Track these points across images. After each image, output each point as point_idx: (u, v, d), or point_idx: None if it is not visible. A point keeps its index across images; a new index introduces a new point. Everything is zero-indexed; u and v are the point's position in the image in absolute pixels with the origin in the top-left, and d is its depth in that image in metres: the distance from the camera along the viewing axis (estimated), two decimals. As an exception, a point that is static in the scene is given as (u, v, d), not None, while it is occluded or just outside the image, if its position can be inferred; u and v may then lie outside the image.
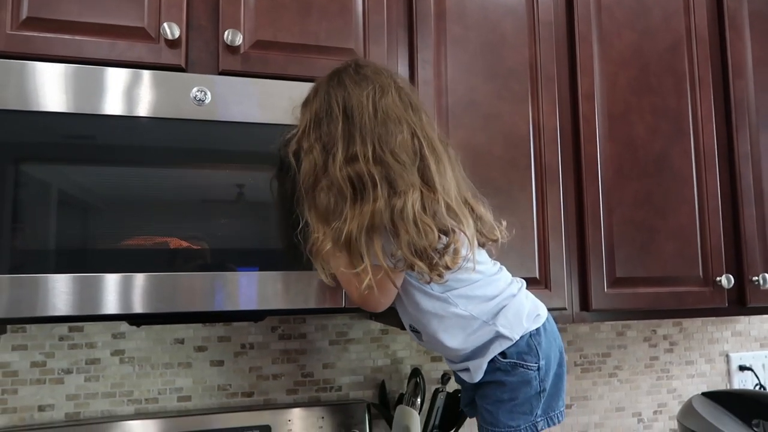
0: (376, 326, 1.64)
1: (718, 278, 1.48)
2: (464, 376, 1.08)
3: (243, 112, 1.14)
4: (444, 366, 1.68)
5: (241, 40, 1.20)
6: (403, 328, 1.32)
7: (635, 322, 1.86)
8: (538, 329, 1.03)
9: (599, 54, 1.46)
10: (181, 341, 1.49)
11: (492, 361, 1.02)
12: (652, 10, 1.52)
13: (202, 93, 1.12)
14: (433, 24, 1.36)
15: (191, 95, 1.12)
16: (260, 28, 1.24)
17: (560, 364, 1.06)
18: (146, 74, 1.10)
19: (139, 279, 1.06)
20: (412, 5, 1.36)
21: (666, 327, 1.90)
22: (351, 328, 1.63)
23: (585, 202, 1.42)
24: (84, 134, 1.07)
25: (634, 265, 1.44)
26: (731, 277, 1.48)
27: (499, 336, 1.01)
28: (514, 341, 1.01)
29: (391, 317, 1.41)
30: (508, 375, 1.01)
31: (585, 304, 1.41)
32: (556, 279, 1.38)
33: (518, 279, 1.11)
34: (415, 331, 1.10)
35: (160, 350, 1.48)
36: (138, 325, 1.30)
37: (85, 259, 1.04)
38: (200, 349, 1.51)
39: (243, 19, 1.23)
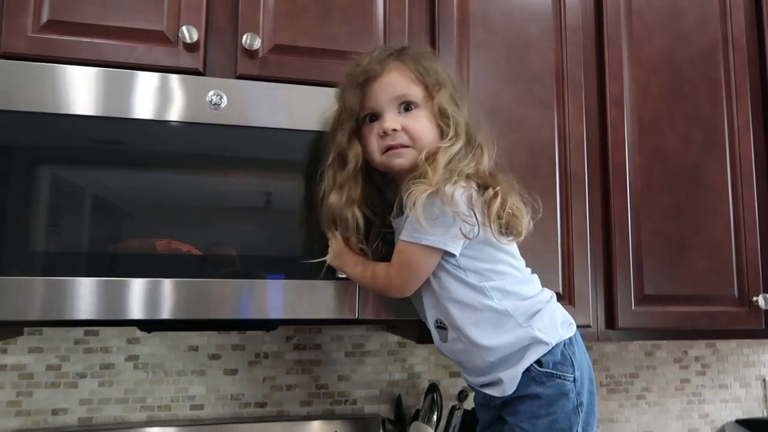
0: (393, 339, 1.60)
1: (754, 298, 1.40)
2: (492, 390, 1.00)
3: (259, 117, 1.12)
4: (462, 382, 1.62)
5: (259, 44, 1.19)
6: (421, 341, 1.29)
7: (665, 342, 1.77)
8: (571, 339, 1.00)
9: (629, 59, 1.41)
10: (195, 348, 1.48)
11: (527, 370, 0.96)
12: (685, 13, 1.46)
13: (218, 97, 1.10)
14: (455, 28, 1.33)
15: (207, 99, 1.10)
16: (279, 31, 1.23)
17: (591, 380, 1.00)
18: (163, 78, 1.09)
19: (166, 285, 1.05)
20: (435, 9, 1.33)
21: (698, 348, 1.81)
22: (368, 340, 1.59)
23: (612, 214, 1.36)
24: (96, 137, 1.06)
25: (664, 282, 1.37)
26: (769, 296, 1.39)
27: (535, 341, 0.96)
28: (551, 347, 0.96)
29: (408, 329, 1.37)
30: (543, 387, 0.95)
31: (611, 321, 1.35)
32: (581, 294, 1.32)
33: (547, 289, 1.06)
34: (440, 327, 1.04)
35: (174, 357, 1.46)
36: (149, 331, 1.29)
37: (110, 263, 1.04)
38: (214, 357, 1.49)
39: (262, 22, 1.22)
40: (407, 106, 1.02)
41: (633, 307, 1.35)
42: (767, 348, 1.87)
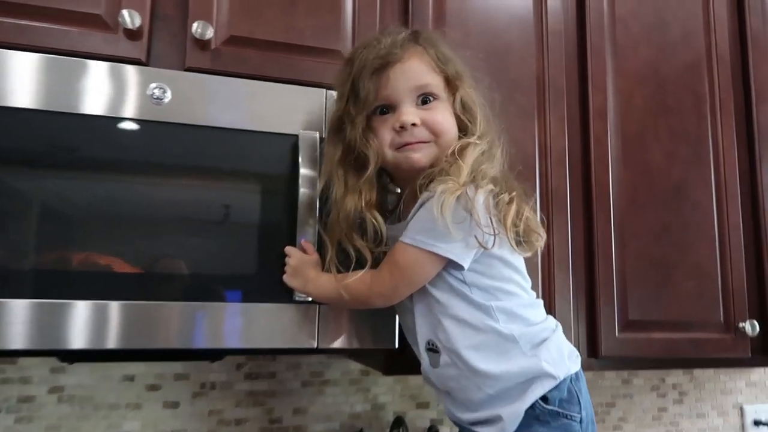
0: (355, 366, 1.46)
1: (741, 324, 1.32)
2: (486, 430, 0.88)
3: (211, 114, 0.98)
4: (431, 414, 1.49)
5: (212, 34, 1.05)
6: (388, 371, 1.15)
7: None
8: (577, 373, 0.90)
9: (613, 68, 1.33)
10: (131, 378, 1.30)
11: (530, 408, 0.85)
12: (670, 25, 1.39)
13: (161, 90, 0.96)
14: (430, 27, 1.22)
15: (148, 92, 0.95)
16: (236, 21, 1.09)
17: (593, 421, 0.90)
18: (95, 65, 0.94)
19: (107, 308, 0.90)
20: (408, 6, 1.22)
21: (675, 375, 1.73)
22: (327, 368, 1.44)
23: (595, 233, 1.26)
24: (4, 131, 0.90)
25: (649, 307, 1.28)
26: (756, 323, 1.32)
27: (542, 374, 0.85)
28: (558, 382, 0.85)
29: (374, 357, 1.24)
30: (548, 427, 0.84)
31: (593, 349, 1.24)
32: (562, 319, 1.20)
33: (551, 316, 0.96)
34: (432, 349, 0.91)
35: (105, 388, 1.28)
36: (71, 361, 1.11)
37: (32, 282, 0.88)
38: (153, 387, 1.31)
39: (216, 11, 1.08)
40: (426, 98, 0.91)
41: (617, 334, 1.25)
42: (744, 375, 1.80)
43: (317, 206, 0.98)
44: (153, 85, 0.96)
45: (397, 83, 0.90)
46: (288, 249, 0.96)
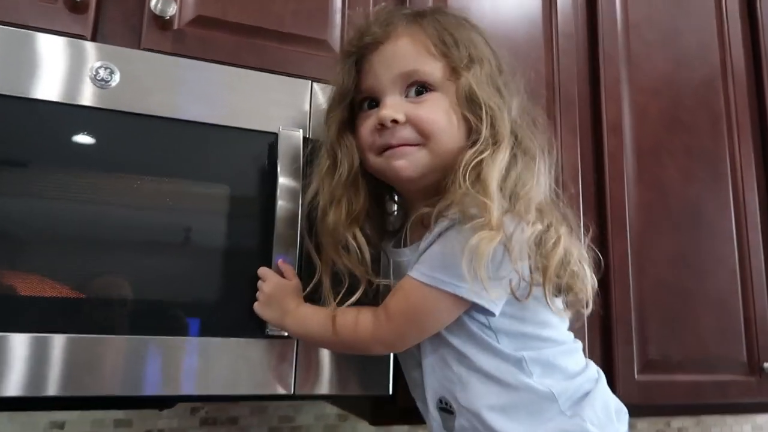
0: (332, 411, 1.26)
1: (765, 364, 1.18)
2: None
3: (169, 104, 0.80)
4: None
5: (175, 11, 0.88)
6: (376, 420, 0.97)
7: (647, 410, 1.54)
8: None
9: (627, 78, 1.20)
10: (61, 426, 1.07)
11: None
12: (684, 35, 1.28)
13: (107, 71, 0.77)
14: (429, 23, 1.07)
15: (90, 72, 0.77)
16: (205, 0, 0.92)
17: None
18: (22, 35, 0.75)
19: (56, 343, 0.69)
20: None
21: (681, 419, 1.59)
22: (299, 412, 1.24)
23: (611, 259, 1.11)
24: None
25: (669, 342, 1.13)
26: (781, 363, 1.18)
27: None
28: None
29: (359, 403, 1.06)
30: None
31: (610, 393, 1.08)
32: (574, 357, 1.05)
33: (592, 362, 0.78)
34: (445, 409, 0.72)
35: (28, 440, 1.05)
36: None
37: None
38: (87, 438, 1.08)
39: (181, -15, 0.91)
40: (419, 88, 0.72)
41: (636, 376, 1.09)
42: (750, 418, 1.67)
43: (299, 219, 0.80)
44: (98, 63, 0.77)
45: (379, 69, 0.73)
46: (262, 271, 0.78)
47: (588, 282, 0.71)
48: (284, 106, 0.85)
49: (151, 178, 0.78)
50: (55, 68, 0.75)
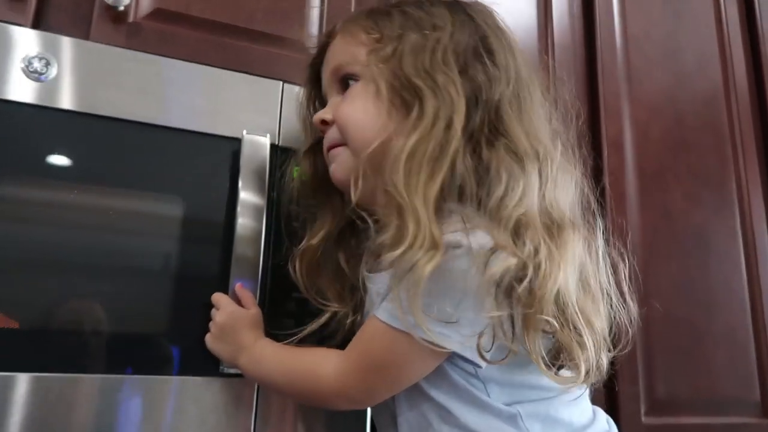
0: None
1: (781, 405, 1.08)
2: None
3: (115, 102, 0.69)
4: None
5: (129, 1, 0.78)
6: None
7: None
8: None
9: (627, 94, 1.12)
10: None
11: None
12: (684, 49, 1.21)
13: (42, 62, 0.66)
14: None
15: (22, 63, 0.66)
16: (165, -9, 0.82)
17: None
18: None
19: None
20: (390, 2, 0.98)
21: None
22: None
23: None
24: None
25: (677, 381, 1.03)
26: (798, 405, 1.08)
27: None
28: None
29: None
30: None
31: (613, 439, 0.97)
32: (574, 398, 0.94)
33: (600, 410, 0.65)
34: None
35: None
36: None
37: None
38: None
39: (138, -26, 0.81)
40: (346, 82, 0.64)
41: (642, 419, 0.98)
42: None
43: (262, 238, 0.69)
44: (32, 53, 0.66)
45: (323, 74, 0.68)
46: (215, 298, 0.66)
47: (592, 340, 0.54)
48: (250, 109, 0.74)
49: (90, 188, 0.67)
50: (-20, 57, 0.65)
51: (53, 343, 0.62)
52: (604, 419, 0.64)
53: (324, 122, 0.64)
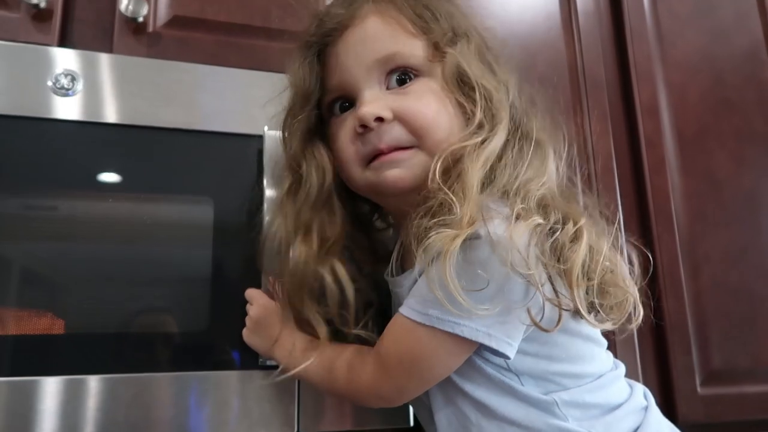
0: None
1: None
2: None
3: (141, 110, 0.71)
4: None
5: (147, 11, 0.80)
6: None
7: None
8: None
9: (659, 57, 1.07)
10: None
11: None
12: (719, 7, 1.14)
13: (69, 78, 0.69)
14: None
15: (51, 80, 0.69)
16: (181, -1, 0.84)
17: None
18: (-25, 44, 0.68)
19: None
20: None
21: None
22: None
23: (659, 257, 0.97)
24: None
25: (735, 350, 0.98)
26: None
27: None
28: None
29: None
30: None
31: (669, 412, 0.93)
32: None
33: (637, 384, 0.64)
34: None
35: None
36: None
37: None
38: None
39: (154, -15, 0.83)
40: (401, 75, 0.59)
41: (698, 390, 0.94)
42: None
43: (292, 231, 0.70)
44: (58, 70, 0.69)
45: (348, 59, 0.59)
46: (249, 293, 0.67)
47: (629, 283, 0.57)
48: (269, 105, 0.75)
49: (119, 192, 0.69)
50: (11, 78, 0.68)
51: (93, 347, 0.65)
52: (641, 393, 0.62)
53: (379, 119, 0.57)
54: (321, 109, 0.63)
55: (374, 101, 0.57)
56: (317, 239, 0.60)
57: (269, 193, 0.71)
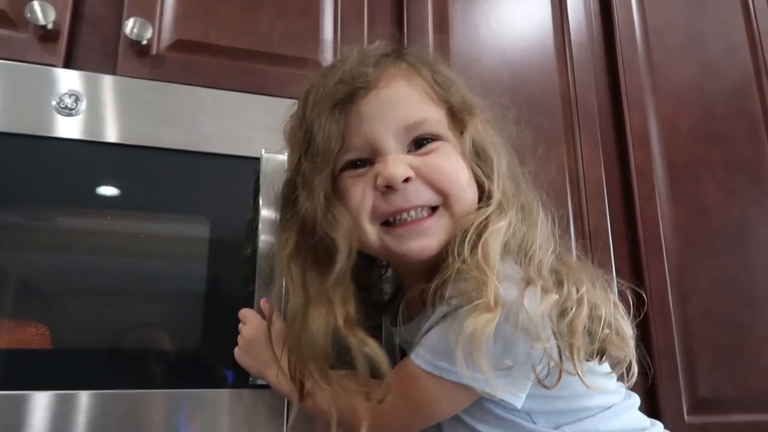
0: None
1: (838, 400, 1.03)
2: None
3: (141, 131, 0.73)
4: None
5: (151, 35, 0.82)
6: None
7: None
8: None
9: (651, 87, 1.10)
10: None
11: None
12: (709, 38, 1.18)
13: (73, 99, 0.71)
14: (431, 39, 1.00)
15: (55, 100, 0.71)
16: (184, 22, 0.87)
17: None
18: (-17, 64, 0.70)
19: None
20: (402, 15, 1.00)
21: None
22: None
23: (647, 284, 0.99)
24: None
25: (723, 379, 0.99)
26: None
27: None
28: None
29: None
30: None
31: (656, 439, 0.94)
32: (613, 399, 0.92)
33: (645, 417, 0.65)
34: None
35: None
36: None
37: None
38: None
39: (159, 8, 0.86)
40: (421, 140, 0.59)
41: (686, 418, 0.95)
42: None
43: (285, 252, 0.72)
44: (62, 90, 0.71)
45: (373, 120, 0.58)
46: (242, 313, 0.69)
47: (628, 337, 0.58)
48: (267, 128, 0.76)
49: (122, 214, 0.71)
50: (17, 96, 0.69)
51: (85, 362, 0.66)
52: (647, 422, 0.64)
53: (405, 180, 0.56)
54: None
55: (399, 162, 0.57)
56: (341, 312, 0.57)
57: (265, 213, 0.72)
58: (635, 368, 0.59)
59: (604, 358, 0.57)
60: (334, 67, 0.62)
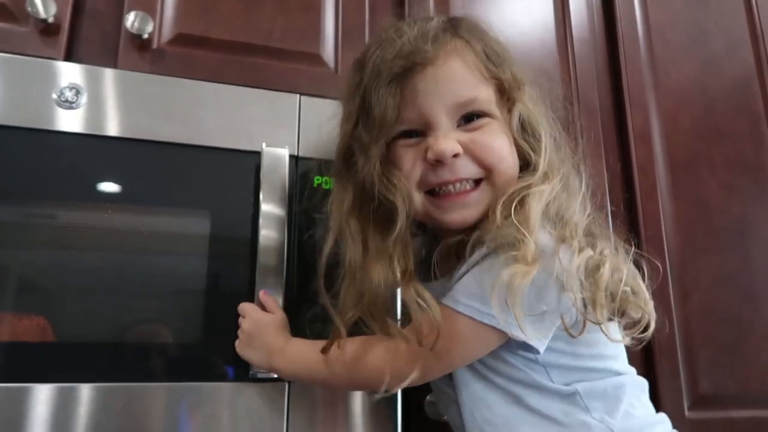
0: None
1: (838, 397, 1.02)
2: None
3: (142, 124, 0.73)
4: None
5: (152, 29, 0.82)
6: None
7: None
8: None
9: (653, 84, 1.10)
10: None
11: None
12: (711, 35, 1.17)
13: (73, 92, 0.71)
14: (431, 34, 0.99)
15: (55, 93, 0.70)
16: (185, 17, 0.86)
17: None
18: (-17, 56, 0.70)
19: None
20: (404, 10, 1.00)
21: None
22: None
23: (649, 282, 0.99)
24: None
25: (724, 375, 0.99)
26: None
27: None
28: None
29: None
30: None
31: (657, 435, 0.94)
32: (614, 396, 0.92)
33: None
34: None
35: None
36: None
37: None
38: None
39: (160, 3, 0.86)
40: (471, 116, 0.62)
41: (686, 413, 0.95)
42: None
43: (285, 248, 0.72)
44: (63, 83, 0.71)
45: (428, 96, 0.61)
46: (242, 307, 0.69)
47: (646, 299, 0.61)
48: (270, 123, 0.77)
49: (118, 204, 0.71)
50: (17, 90, 0.69)
51: (86, 355, 0.66)
52: (667, 421, 0.67)
53: (455, 155, 0.60)
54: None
55: (449, 138, 0.61)
56: (399, 266, 0.61)
57: (265, 208, 0.72)
58: (653, 327, 0.61)
59: (624, 318, 0.60)
60: (392, 40, 0.63)
